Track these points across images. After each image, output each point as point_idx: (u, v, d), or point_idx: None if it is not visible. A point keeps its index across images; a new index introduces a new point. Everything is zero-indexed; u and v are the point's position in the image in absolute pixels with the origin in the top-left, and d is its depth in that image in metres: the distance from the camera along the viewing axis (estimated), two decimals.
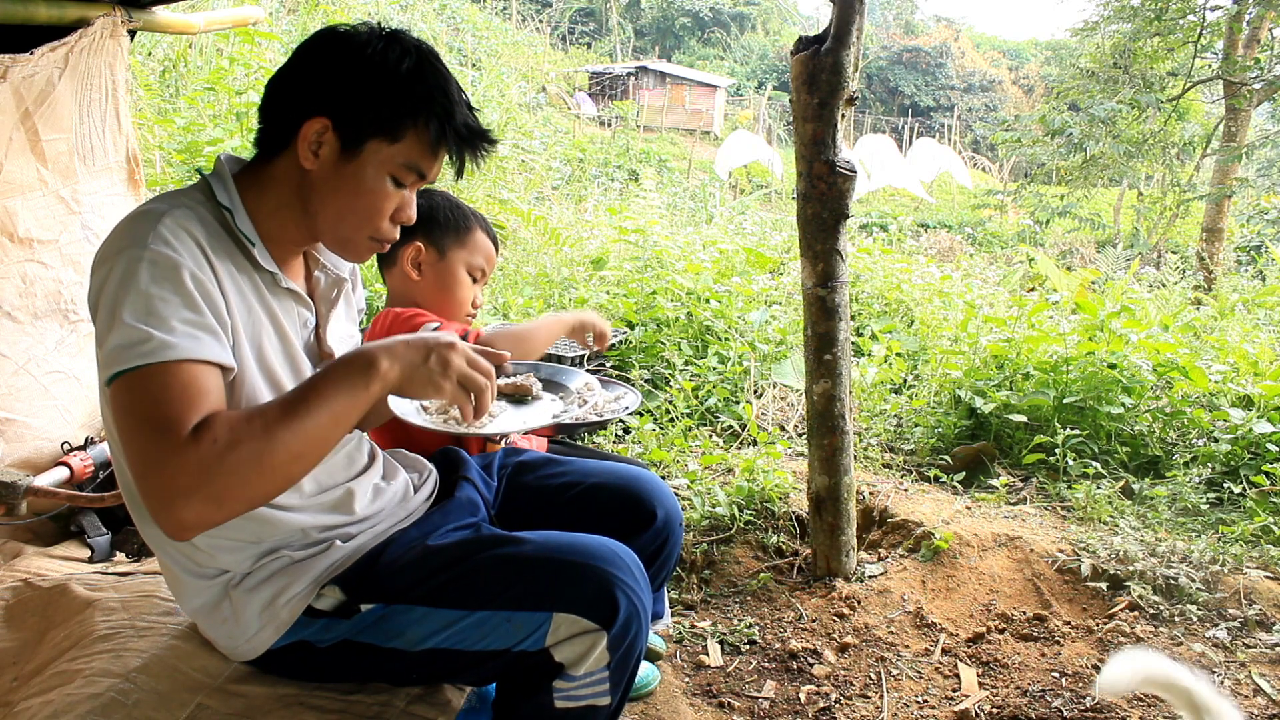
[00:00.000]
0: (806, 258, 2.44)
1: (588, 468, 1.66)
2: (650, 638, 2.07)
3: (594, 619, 1.22)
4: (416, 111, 1.20)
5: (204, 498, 1.01)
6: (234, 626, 1.28)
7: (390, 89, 1.19)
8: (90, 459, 2.13)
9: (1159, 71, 11.97)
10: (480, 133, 1.26)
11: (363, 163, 1.20)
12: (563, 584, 1.23)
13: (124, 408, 1.06)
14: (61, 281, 2.27)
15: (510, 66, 15.09)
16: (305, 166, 1.21)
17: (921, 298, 5.44)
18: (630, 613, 1.23)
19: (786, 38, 34.00)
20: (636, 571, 1.28)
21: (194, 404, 1.06)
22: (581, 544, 1.28)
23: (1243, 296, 6.98)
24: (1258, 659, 2.23)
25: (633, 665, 1.28)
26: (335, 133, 1.19)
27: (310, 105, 1.19)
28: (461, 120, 1.23)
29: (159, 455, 1.02)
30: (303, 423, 1.07)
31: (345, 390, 1.11)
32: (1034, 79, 35.91)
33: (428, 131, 1.21)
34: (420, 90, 1.20)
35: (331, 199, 1.22)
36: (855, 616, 2.44)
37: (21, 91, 2.13)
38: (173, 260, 1.10)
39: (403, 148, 1.21)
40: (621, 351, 4.12)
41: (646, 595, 1.29)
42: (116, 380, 1.06)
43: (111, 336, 1.06)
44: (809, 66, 2.29)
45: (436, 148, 1.23)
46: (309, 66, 1.22)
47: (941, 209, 18.04)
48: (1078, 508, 3.01)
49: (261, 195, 1.24)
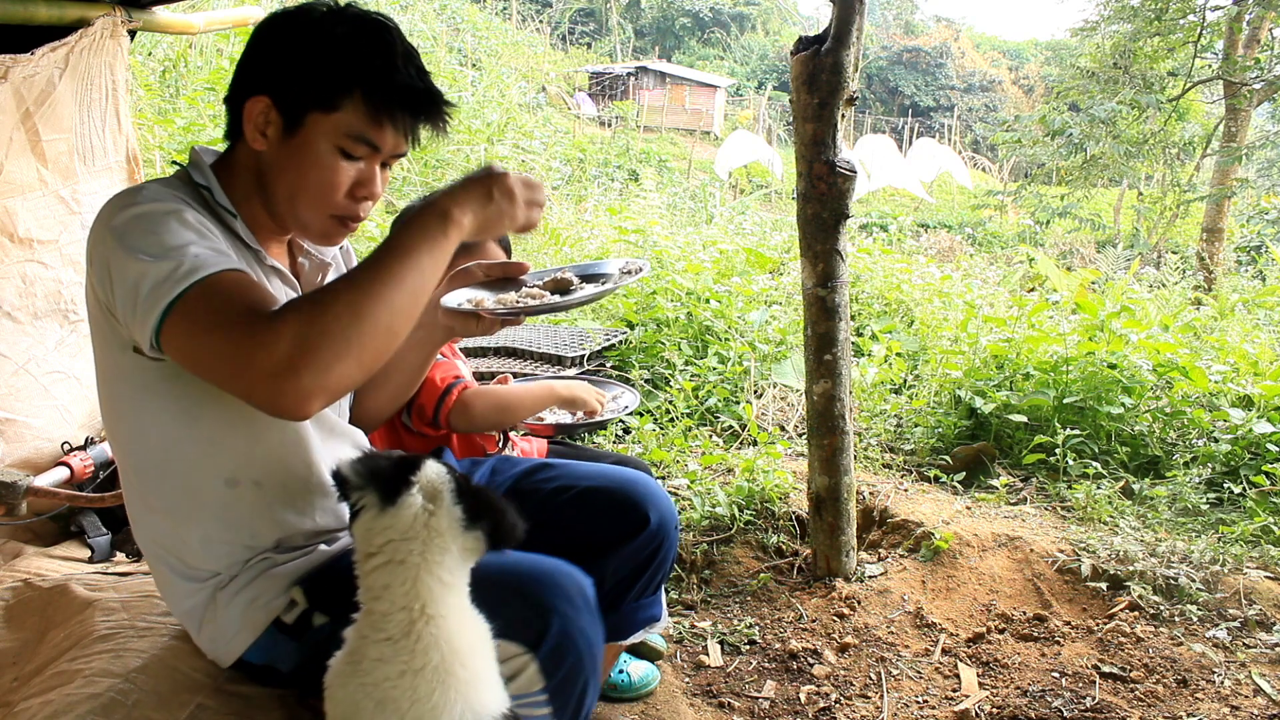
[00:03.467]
0: (806, 258, 2.44)
1: (580, 472, 1.63)
2: (650, 637, 2.07)
3: (520, 641, 1.18)
4: (349, 79, 1.16)
5: (311, 364, 0.97)
6: (214, 629, 1.27)
7: (322, 59, 1.16)
8: (90, 459, 2.14)
9: (1159, 71, 11.97)
10: (423, 94, 1.20)
11: (305, 138, 1.18)
12: (492, 605, 1.17)
13: (190, 334, 1.02)
14: (61, 281, 2.27)
15: (510, 66, 15.10)
16: (256, 149, 1.20)
17: (921, 298, 5.44)
18: (563, 636, 1.18)
19: (786, 38, 34.00)
20: (574, 591, 1.23)
21: (262, 296, 1.04)
22: (515, 565, 1.24)
23: (1243, 296, 6.98)
24: (1258, 659, 2.23)
25: (579, 689, 1.22)
26: (276, 110, 1.18)
27: (252, 85, 1.19)
28: (401, 84, 1.18)
29: (250, 342, 0.98)
30: (391, 275, 1.05)
31: (425, 241, 1.09)
32: (1034, 79, 35.92)
33: (365, 100, 1.17)
34: (352, 57, 1.16)
35: (282, 178, 1.21)
36: (855, 616, 2.44)
37: (22, 91, 2.13)
38: (166, 207, 1.10)
39: (342, 118, 1.17)
40: (621, 351, 4.12)
41: (588, 617, 1.23)
42: (169, 318, 1.02)
43: (141, 285, 1.03)
44: (809, 66, 2.29)
45: (378, 115, 1.18)
46: (253, 48, 1.21)
47: (941, 209, 18.04)
48: (1078, 508, 3.01)
49: (231, 183, 1.24)
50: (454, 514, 1.09)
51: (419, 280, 1.07)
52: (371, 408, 1.52)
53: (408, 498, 1.07)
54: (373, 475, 1.08)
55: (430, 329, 1.40)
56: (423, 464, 1.11)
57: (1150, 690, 2.11)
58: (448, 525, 1.08)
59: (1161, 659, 2.22)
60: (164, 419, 1.20)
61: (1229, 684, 2.13)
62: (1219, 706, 2.05)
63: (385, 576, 1.06)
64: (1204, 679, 2.15)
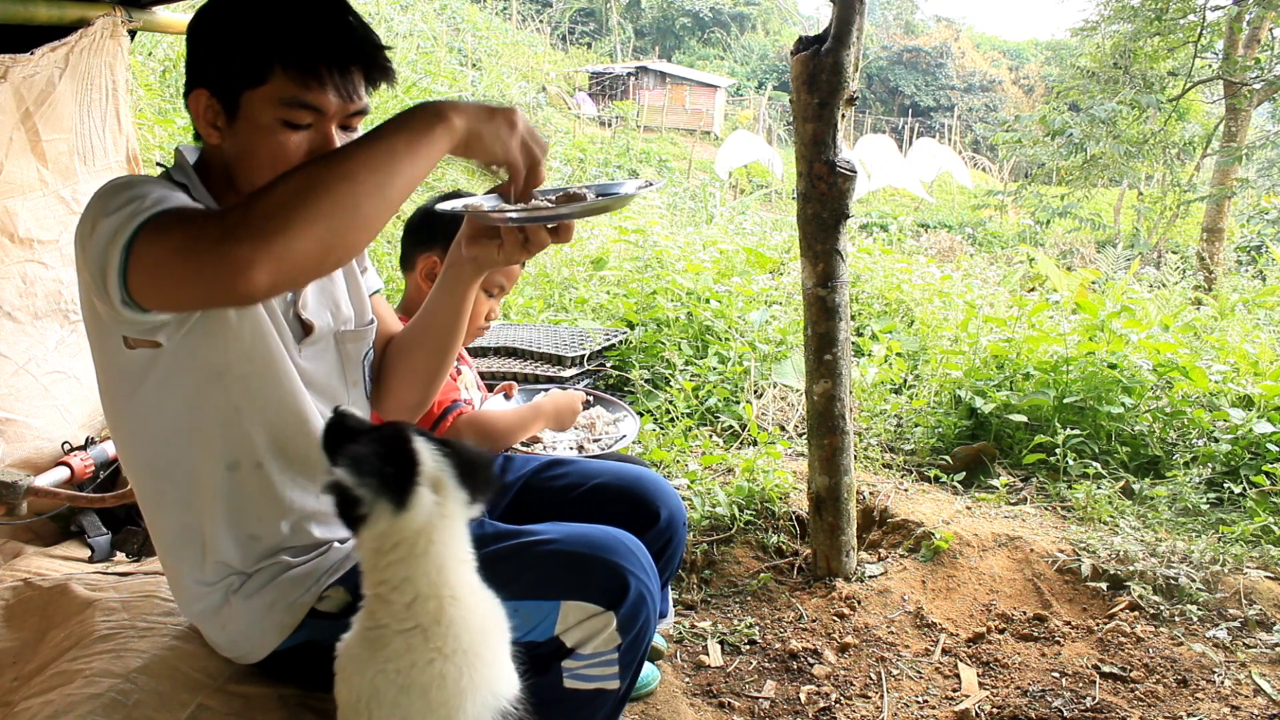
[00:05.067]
0: (806, 258, 2.44)
1: (591, 468, 1.67)
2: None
3: (602, 603, 1.24)
4: (269, 47, 1.13)
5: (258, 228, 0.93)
6: (236, 631, 1.28)
7: (239, 36, 1.15)
8: (90, 459, 2.13)
9: (1159, 71, 11.97)
10: (346, 45, 1.16)
11: (246, 118, 1.16)
12: (570, 573, 1.25)
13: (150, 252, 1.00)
14: (61, 281, 2.27)
15: (510, 66, 15.10)
16: (213, 143, 1.20)
17: (921, 298, 5.45)
18: (639, 596, 1.25)
19: (786, 38, 33.99)
20: (644, 560, 1.30)
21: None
22: (588, 534, 1.30)
23: (1243, 296, 6.98)
24: (1258, 659, 2.23)
25: (642, 652, 1.30)
26: (215, 99, 1.17)
27: (192, 81, 1.18)
28: (320, 40, 1.14)
29: (196, 231, 0.96)
30: (361, 151, 1.00)
31: (405, 131, 1.03)
32: (1034, 79, 35.91)
33: (290, 62, 1.13)
34: (267, 26, 1.14)
35: (241, 166, 1.20)
36: (855, 616, 2.44)
37: (22, 91, 2.13)
38: (142, 178, 1.11)
39: (273, 87, 1.14)
40: (621, 351, 4.12)
41: (655, 584, 1.30)
42: (132, 251, 1.00)
43: (106, 232, 1.02)
44: (809, 66, 2.29)
45: (303, 76, 1.14)
46: (187, 45, 1.21)
47: (941, 209, 18.03)
48: (1078, 508, 3.01)
49: (209, 181, 1.25)
50: (460, 496, 1.09)
51: (390, 162, 1.00)
52: (414, 373, 1.46)
53: (419, 497, 1.05)
54: (378, 482, 1.04)
55: (458, 266, 1.35)
56: (416, 450, 1.07)
57: (1150, 690, 2.11)
58: (457, 508, 1.08)
59: (1161, 659, 2.22)
60: (162, 411, 1.20)
61: (1229, 684, 2.13)
62: (1219, 706, 2.05)
63: (405, 570, 1.05)
64: (1204, 679, 2.15)
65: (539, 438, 2.00)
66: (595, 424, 2.10)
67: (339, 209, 0.97)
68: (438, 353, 1.44)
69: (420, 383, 1.46)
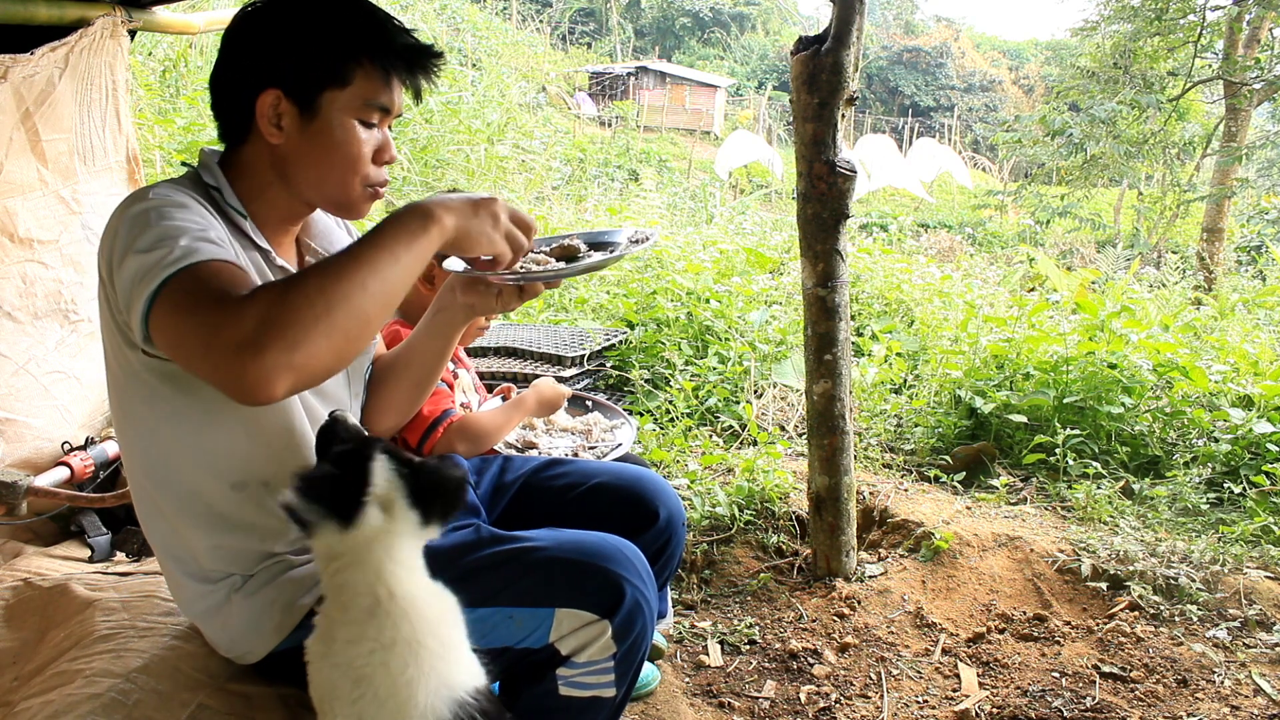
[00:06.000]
0: (806, 258, 2.44)
1: (590, 468, 1.67)
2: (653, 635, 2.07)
3: (597, 611, 1.23)
4: (356, 49, 1.19)
5: (276, 340, 0.96)
6: (236, 631, 1.28)
7: (323, 37, 1.18)
8: (90, 459, 2.13)
9: (1159, 71, 11.96)
10: (423, 50, 1.24)
11: (325, 118, 1.20)
12: (564, 580, 1.24)
13: (172, 316, 1.03)
14: (62, 281, 2.27)
15: (510, 66, 15.09)
16: (273, 143, 1.21)
17: (921, 298, 5.45)
18: (634, 604, 1.25)
19: (786, 38, 33.98)
20: (640, 567, 1.29)
21: (239, 282, 1.04)
22: (584, 541, 1.29)
23: (1243, 296, 6.98)
24: (1258, 659, 2.23)
25: (638, 660, 1.29)
26: (289, 99, 1.19)
27: (257, 82, 1.19)
28: (401, 43, 1.22)
29: (218, 319, 0.98)
30: (366, 259, 1.04)
31: (404, 235, 1.08)
32: (1034, 79, 35.90)
33: (374, 65, 1.20)
34: (351, 28, 1.19)
35: (308, 164, 1.22)
36: (855, 616, 2.44)
37: (22, 91, 2.13)
38: (176, 200, 1.12)
39: (356, 89, 1.20)
40: (621, 351, 4.12)
41: (651, 591, 1.30)
42: (155, 306, 1.03)
43: (134, 277, 1.05)
44: (809, 66, 2.29)
45: (387, 77, 1.22)
46: (241, 48, 1.22)
47: (941, 209, 18.02)
48: (1078, 508, 3.01)
49: (241, 181, 1.25)
50: (410, 517, 1.11)
51: (394, 269, 1.06)
52: (392, 401, 1.50)
53: (364, 516, 1.08)
54: (326, 503, 1.07)
55: (450, 311, 1.40)
56: (372, 467, 1.10)
57: (1150, 690, 2.11)
58: (405, 526, 1.11)
59: (1161, 659, 2.22)
60: (173, 424, 1.21)
61: (1229, 684, 2.13)
62: (1219, 706, 2.05)
63: (347, 575, 1.09)
64: (1204, 679, 2.15)
65: (535, 443, 2.00)
66: (592, 430, 2.10)
67: (352, 319, 1.01)
68: (415, 387, 1.50)
69: (394, 413, 1.52)
